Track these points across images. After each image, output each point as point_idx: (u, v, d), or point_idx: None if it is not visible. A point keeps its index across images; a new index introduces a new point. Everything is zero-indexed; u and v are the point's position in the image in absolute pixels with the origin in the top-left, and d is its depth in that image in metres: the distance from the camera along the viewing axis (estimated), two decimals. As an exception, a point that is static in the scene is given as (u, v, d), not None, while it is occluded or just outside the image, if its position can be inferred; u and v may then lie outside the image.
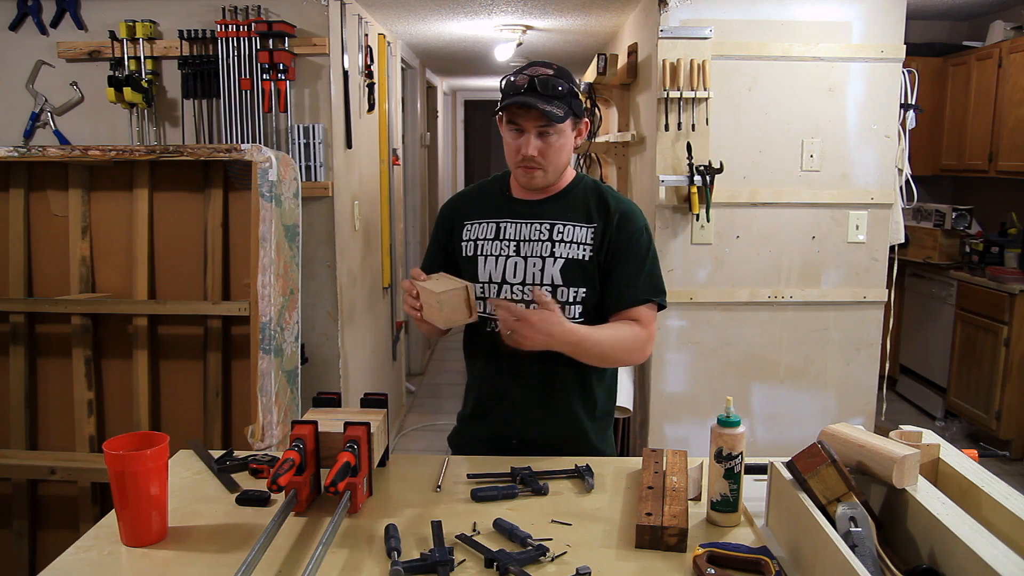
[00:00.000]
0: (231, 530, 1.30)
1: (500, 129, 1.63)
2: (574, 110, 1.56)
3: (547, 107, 1.51)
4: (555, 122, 1.52)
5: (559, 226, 1.62)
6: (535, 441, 1.65)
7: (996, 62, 4.23)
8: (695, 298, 3.02)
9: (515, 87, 1.54)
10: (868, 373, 3.10)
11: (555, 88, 1.52)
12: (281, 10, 2.86)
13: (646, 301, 1.62)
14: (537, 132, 1.55)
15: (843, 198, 2.98)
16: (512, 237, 1.63)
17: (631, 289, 1.61)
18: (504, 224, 1.64)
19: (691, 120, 2.88)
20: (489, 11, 3.79)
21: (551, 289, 1.60)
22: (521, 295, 1.61)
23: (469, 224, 1.67)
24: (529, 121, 1.54)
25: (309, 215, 2.93)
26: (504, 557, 1.16)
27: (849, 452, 1.21)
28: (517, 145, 1.57)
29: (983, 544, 0.97)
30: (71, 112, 2.97)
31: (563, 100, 1.53)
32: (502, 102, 1.56)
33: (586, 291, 1.61)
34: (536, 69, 1.55)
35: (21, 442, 2.53)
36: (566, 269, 1.60)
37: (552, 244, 1.61)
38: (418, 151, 5.47)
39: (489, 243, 1.64)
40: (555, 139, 1.56)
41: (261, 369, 2.30)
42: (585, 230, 1.62)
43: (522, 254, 1.62)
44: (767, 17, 2.88)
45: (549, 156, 1.57)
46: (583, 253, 1.61)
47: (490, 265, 1.62)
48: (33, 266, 2.59)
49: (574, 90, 1.57)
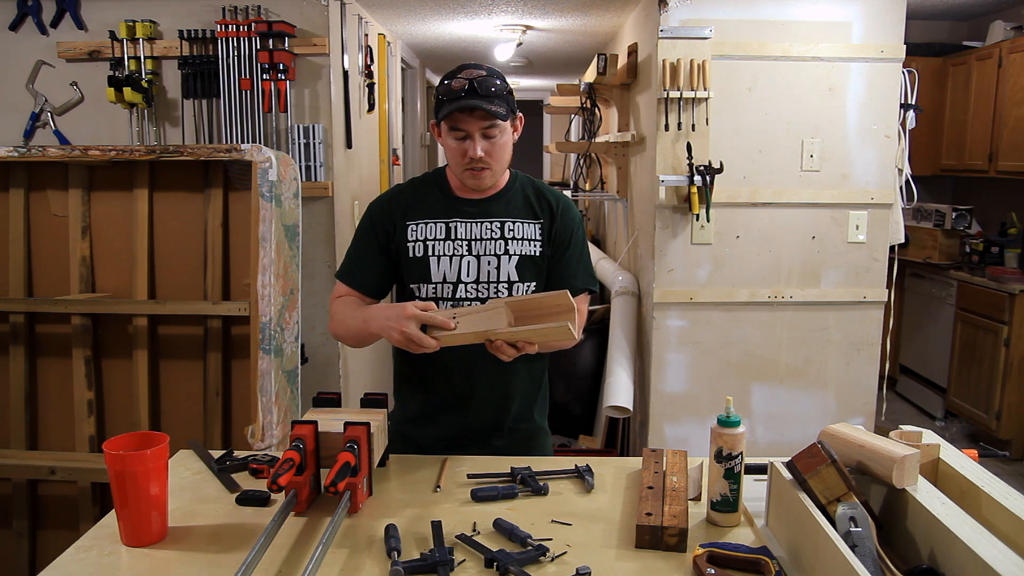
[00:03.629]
0: (231, 530, 1.30)
1: (437, 137, 1.64)
2: (511, 107, 1.60)
3: (491, 107, 1.53)
4: (500, 120, 1.55)
5: (509, 223, 1.66)
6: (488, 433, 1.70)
7: (996, 62, 4.23)
8: (695, 298, 3.02)
9: (453, 92, 1.54)
10: (868, 373, 3.09)
11: (492, 88, 1.55)
12: (281, 10, 2.86)
13: (584, 290, 1.70)
14: (482, 133, 1.56)
15: (843, 198, 2.98)
16: (464, 236, 1.65)
17: (574, 280, 1.68)
18: (454, 224, 1.65)
19: (691, 120, 2.88)
20: (489, 11, 3.79)
21: (507, 285, 1.63)
22: (475, 293, 1.63)
23: (413, 224, 1.66)
24: (473, 123, 1.55)
25: (309, 215, 2.93)
26: (504, 557, 1.16)
27: (849, 452, 1.21)
28: (463, 148, 1.58)
29: (983, 544, 0.97)
30: (71, 112, 2.97)
31: (502, 99, 1.56)
32: (443, 108, 1.56)
33: (536, 285, 1.66)
34: (471, 72, 1.56)
35: (21, 442, 2.53)
36: (520, 265, 1.64)
37: (505, 242, 1.64)
38: (418, 151, 5.47)
39: (440, 243, 1.64)
40: (499, 138, 1.59)
41: (261, 369, 2.30)
42: (533, 226, 1.67)
43: (474, 253, 1.64)
44: (767, 17, 2.88)
45: (495, 155, 1.60)
46: (534, 249, 1.66)
47: (444, 265, 1.64)
48: (33, 266, 2.58)
49: (508, 87, 1.60)
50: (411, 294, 1.67)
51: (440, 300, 1.63)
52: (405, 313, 1.44)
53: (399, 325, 1.43)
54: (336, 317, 1.68)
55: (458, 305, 1.62)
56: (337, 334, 1.71)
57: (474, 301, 1.63)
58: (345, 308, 1.66)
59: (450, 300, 1.63)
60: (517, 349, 1.44)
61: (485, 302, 1.60)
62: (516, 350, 1.44)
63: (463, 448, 1.66)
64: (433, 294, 1.64)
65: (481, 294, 1.63)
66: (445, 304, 1.63)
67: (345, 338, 1.70)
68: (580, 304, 1.65)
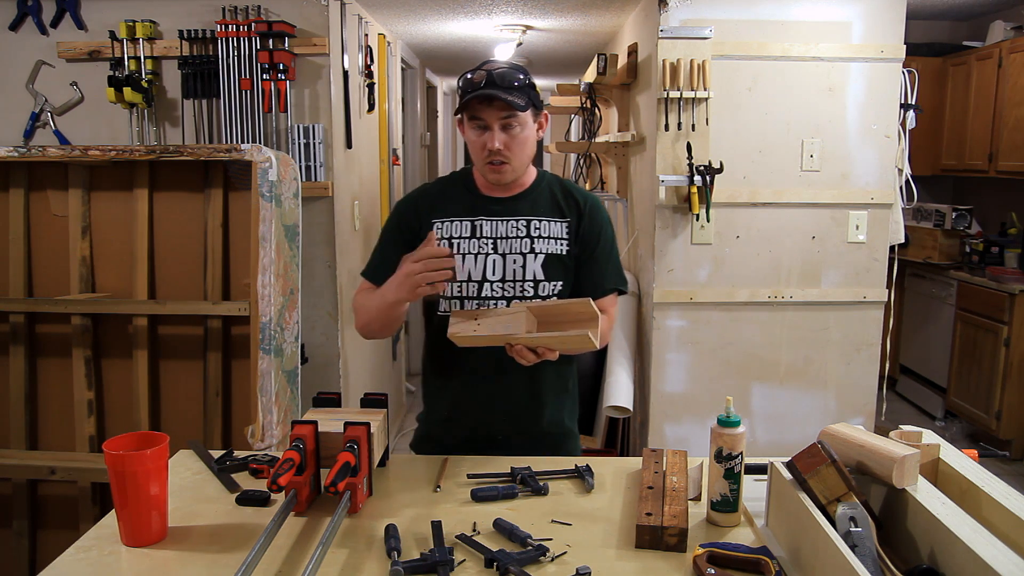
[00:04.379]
0: (231, 530, 1.30)
1: (462, 132, 1.64)
2: (533, 101, 1.58)
3: (509, 96, 1.52)
4: (517, 110, 1.54)
5: (535, 222, 1.65)
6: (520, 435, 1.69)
7: (996, 62, 4.23)
8: (695, 298, 3.02)
9: (473, 84, 1.55)
10: (868, 373, 3.10)
11: (513, 80, 1.54)
12: (281, 10, 2.86)
13: (614, 290, 1.69)
14: (501, 125, 1.56)
15: (843, 198, 2.98)
16: (489, 235, 1.64)
17: (602, 280, 1.67)
18: (479, 222, 1.65)
19: (691, 120, 2.88)
20: (489, 11, 3.79)
21: (533, 284, 1.62)
22: (501, 292, 1.62)
23: (439, 222, 1.66)
24: (492, 114, 1.55)
25: (309, 215, 2.93)
26: (504, 557, 1.16)
27: (849, 452, 1.21)
28: (482, 141, 1.58)
29: (983, 544, 0.97)
30: (71, 112, 2.97)
31: (522, 92, 1.55)
32: (464, 99, 1.56)
33: (563, 284, 1.65)
34: (492, 64, 1.57)
35: (21, 442, 2.53)
36: (547, 264, 1.63)
37: (531, 240, 1.63)
38: (418, 151, 5.47)
39: (466, 241, 1.64)
40: (519, 131, 1.57)
41: (261, 369, 2.30)
42: (560, 225, 1.65)
43: (500, 251, 1.63)
44: (767, 17, 2.88)
45: (514, 149, 1.58)
46: (561, 248, 1.64)
47: (468, 263, 1.63)
48: (33, 266, 2.59)
49: (531, 82, 1.59)
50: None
51: (465, 299, 1.62)
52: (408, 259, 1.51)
53: (407, 271, 1.49)
54: (359, 310, 1.68)
55: (484, 304, 1.61)
56: (363, 325, 1.68)
57: (499, 300, 1.61)
58: (365, 298, 1.67)
59: (475, 299, 1.62)
60: (537, 355, 1.44)
61: (510, 301, 1.60)
62: (536, 355, 1.44)
63: (490, 451, 1.63)
64: (458, 292, 1.63)
65: (507, 293, 1.62)
66: (471, 303, 1.62)
67: (372, 325, 1.67)
68: (609, 305, 1.67)
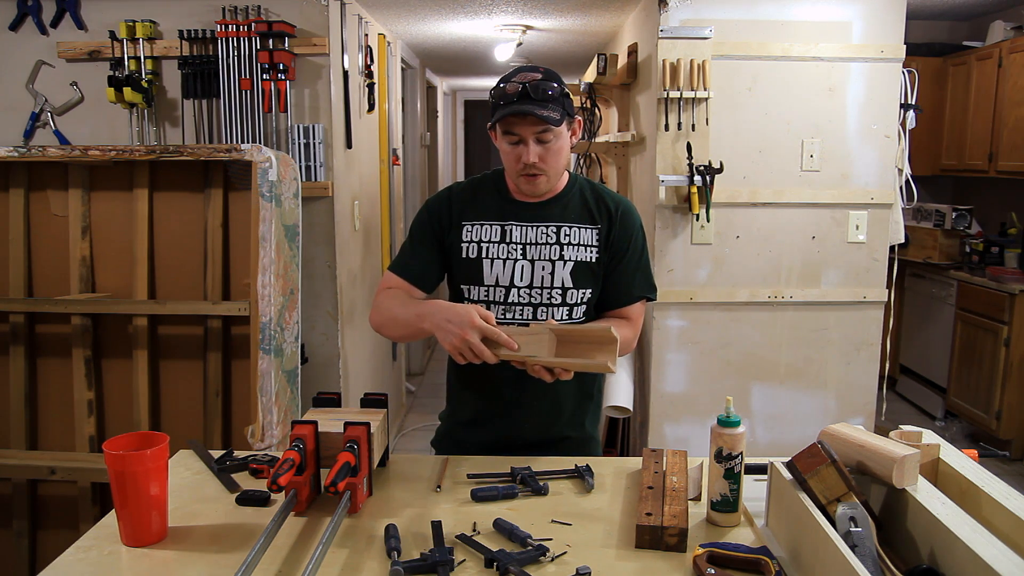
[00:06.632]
0: (231, 530, 1.29)
1: (494, 140, 1.60)
2: (567, 111, 1.55)
3: (544, 112, 1.49)
4: (553, 126, 1.51)
5: (565, 228, 1.62)
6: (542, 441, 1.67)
7: (996, 62, 4.23)
8: (695, 298, 3.02)
9: (507, 96, 1.51)
10: (868, 373, 3.10)
11: (547, 92, 1.51)
12: (281, 10, 2.86)
13: (641, 298, 1.67)
14: (536, 139, 1.53)
15: (843, 198, 2.98)
16: (518, 240, 1.62)
17: (630, 287, 1.65)
18: (509, 227, 1.63)
19: (691, 120, 2.88)
20: (489, 11, 3.79)
21: (561, 291, 1.60)
22: (528, 298, 1.61)
23: (469, 225, 1.64)
24: (527, 128, 1.52)
25: (309, 215, 2.93)
26: (504, 557, 1.16)
27: (849, 452, 1.20)
28: (517, 154, 1.55)
29: (983, 544, 0.97)
30: (71, 112, 2.97)
31: (556, 103, 1.52)
32: (497, 112, 1.53)
33: (591, 292, 1.63)
34: (526, 75, 1.53)
35: (21, 442, 2.53)
36: (576, 272, 1.61)
37: (561, 247, 1.61)
38: (418, 151, 5.47)
39: (495, 246, 1.62)
40: (554, 143, 1.55)
41: (261, 369, 2.30)
42: (590, 231, 1.63)
43: (529, 257, 1.61)
44: (767, 17, 2.88)
45: (549, 161, 1.56)
46: (590, 255, 1.62)
47: (496, 268, 1.61)
48: (33, 266, 2.59)
49: (565, 91, 1.56)
50: (461, 295, 1.65)
51: (492, 304, 1.61)
52: (472, 322, 1.40)
53: (462, 332, 1.40)
54: (382, 307, 1.63)
55: (510, 310, 1.61)
56: (380, 324, 1.65)
57: (526, 306, 1.60)
58: (394, 300, 1.62)
59: (502, 304, 1.61)
60: (553, 375, 1.43)
61: (537, 308, 1.59)
62: (552, 375, 1.43)
63: (511, 454, 1.61)
64: (485, 297, 1.61)
65: (534, 299, 1.61)
66: (496, 308, 1.61)
67: (390, 329, 1.64)
68: (636, 313, 1.67)
